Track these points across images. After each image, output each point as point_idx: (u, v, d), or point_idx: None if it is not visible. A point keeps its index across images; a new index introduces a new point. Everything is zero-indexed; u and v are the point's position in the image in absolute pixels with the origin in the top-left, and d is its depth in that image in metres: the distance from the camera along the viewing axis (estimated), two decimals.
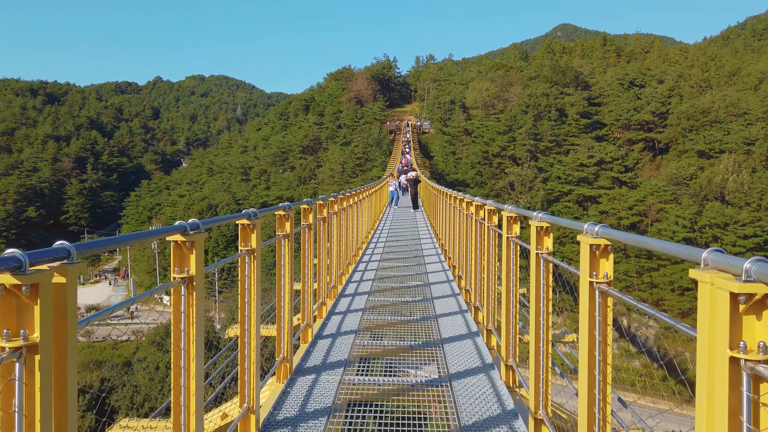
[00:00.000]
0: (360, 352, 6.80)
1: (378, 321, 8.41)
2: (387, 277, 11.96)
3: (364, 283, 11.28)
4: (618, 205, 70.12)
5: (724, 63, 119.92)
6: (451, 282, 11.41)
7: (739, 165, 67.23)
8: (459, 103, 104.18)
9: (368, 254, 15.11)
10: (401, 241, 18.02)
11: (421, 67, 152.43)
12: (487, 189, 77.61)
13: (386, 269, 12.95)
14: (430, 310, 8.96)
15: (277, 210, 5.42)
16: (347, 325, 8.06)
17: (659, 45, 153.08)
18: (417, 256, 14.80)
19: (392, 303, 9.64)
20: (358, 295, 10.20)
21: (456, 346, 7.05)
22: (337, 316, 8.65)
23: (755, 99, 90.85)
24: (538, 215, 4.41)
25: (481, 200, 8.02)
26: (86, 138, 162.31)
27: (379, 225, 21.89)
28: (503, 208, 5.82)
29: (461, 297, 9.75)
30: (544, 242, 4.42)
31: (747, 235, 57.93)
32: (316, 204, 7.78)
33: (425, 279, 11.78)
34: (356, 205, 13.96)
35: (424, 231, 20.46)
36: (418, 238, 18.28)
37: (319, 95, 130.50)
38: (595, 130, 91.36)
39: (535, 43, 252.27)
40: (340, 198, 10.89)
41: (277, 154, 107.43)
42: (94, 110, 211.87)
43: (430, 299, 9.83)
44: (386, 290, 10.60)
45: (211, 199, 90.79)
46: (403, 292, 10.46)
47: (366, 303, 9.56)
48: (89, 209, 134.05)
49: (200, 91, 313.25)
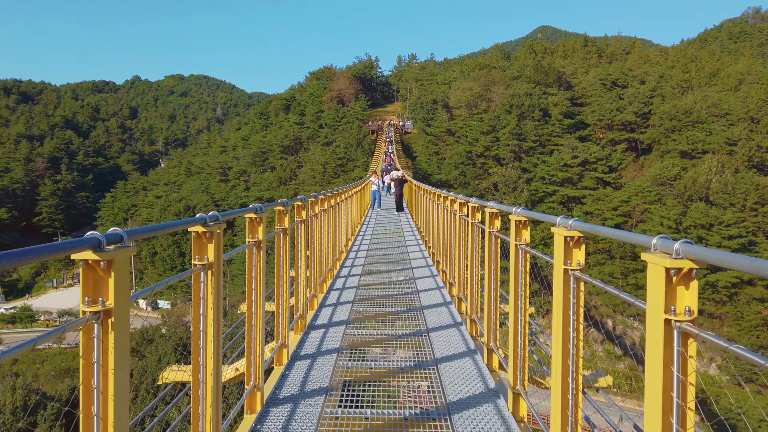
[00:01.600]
0: None
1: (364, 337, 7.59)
2: (369, 297, 10.20)
3: (341, 307, 9.68)
4: (602, 205, 69.47)
5: (703, 64, 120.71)
6: (441, 289, 10.43)
7: (722, 165, 66.98)
8: (442, 102, 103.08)
9: (347, 267, 13.50)
10: (385, 249, 16.45)
11: (403, 67, 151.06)
12: (470, 189, 76.52)
13: (369, 286, 11.09)
14: (421, 321, 8.41)
15: (247, 212, 5.02)
16: None
17: (640, 46, 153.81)
18: (405, 268, 13.34)
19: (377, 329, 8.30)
20: (334, 319, 8.78)
21: (442, 335, 7.56)
22: None
23: (736, 100, 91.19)
24: (517, 210, 4.90)
25: (464, 198, 8.47)
26: (61, 138, 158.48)
27: (360, 230, 20.33)
28: (486, 205, 6.35)
29: (453, 306, 9.31)
30: (522, 234, 4.93)
31: (732, 235, 57.56)
32: (293, 205, 7.39)
33: (414, 286, 10.92)
34: (337, 207, 12.88)
35: (410, 236, 19.06)
36: (404, 244, 16.84)
37: (300, 95, 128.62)
38: (579, 130, 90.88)
39: (515, 44, 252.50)
40: (321, 198, 10.02)
41: (257, 154, 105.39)
42: (69, 109, 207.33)
43: (420, 309, 8.85)
44: (368, 317, 8.96)
45: (189, 200, 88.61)
46: (392, 317, 9.11)
47: (350, 315, 8.34)
48: (63, 210, 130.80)
49: (179, 90, 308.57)
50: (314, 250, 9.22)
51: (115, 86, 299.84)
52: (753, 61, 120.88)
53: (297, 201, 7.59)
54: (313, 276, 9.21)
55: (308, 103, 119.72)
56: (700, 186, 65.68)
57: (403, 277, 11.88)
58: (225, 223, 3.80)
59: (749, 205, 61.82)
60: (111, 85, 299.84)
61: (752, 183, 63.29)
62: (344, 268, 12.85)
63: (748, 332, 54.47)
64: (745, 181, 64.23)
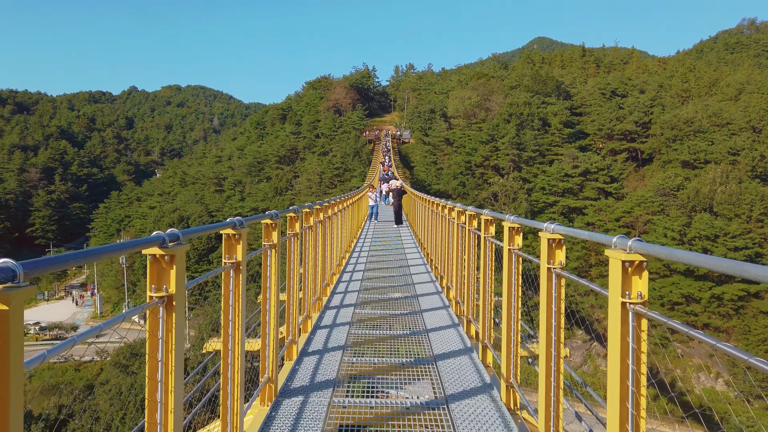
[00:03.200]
0: None
1: None
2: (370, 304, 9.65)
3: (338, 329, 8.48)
4: (604, 216, 68.04)
5: (702, 74, 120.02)
6: (440, 294, 9.03)
7: (726, 175, 65.67)
8: (440, 112, 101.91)
9: (344, 282, 12.21)
10: (386, 269, 14.88)
11: (400, 77, 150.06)
12: (470, 200, 75.07)
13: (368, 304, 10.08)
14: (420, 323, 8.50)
15: (224, 228, 4.35)
16: None
17: (638, 56, 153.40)
18: (405, 277, 12.05)
19: None
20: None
21: (440, 335, 8.03)
22: None
23: (736, 109, 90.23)
24: (510, 217, 5.25)
25: (462, 206, 8.88)
26: (55, 148, 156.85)
27: (357, 244, 18.78)
28: (482, 213, 6.81)
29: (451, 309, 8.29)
30: (514, 240, 5.30)
31: (738, 247, 56.12)
32: (285, 217, 6.59)
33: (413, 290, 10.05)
34: (333, 218, 11.96)
35: (411, 250, 17.55)
36: (405, 259, 15.33)
37: (297, 104, 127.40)
38: (579, 139, 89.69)
39: (512, 55, 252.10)
40: (317, 209, 9.15)
41: (253, 164, 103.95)
42: (65, 120, 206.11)
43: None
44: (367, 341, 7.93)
45: (183, 211, 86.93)
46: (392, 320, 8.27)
47: None
48: (57, 221, 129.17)
49: (176, 101, 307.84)
50: (308, 268, 8.47)
51: (111, 96, 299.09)
52: (752, 70, 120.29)
53: (290, 212, 6.77)
54: (318, 279, 9.15)
55: (305, 113, 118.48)
56: (704, 196, 64.34)
57: (403, 282, 12.12)
58: (189, 243, 3.27)
59: (755, 215, 60.45)
60: (108, 95, 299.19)
61: (757, 193, 61.96)
62: (341, 283, 12.17)
63: (756, 346, 52.90)
64: (750, 191, 62.90)
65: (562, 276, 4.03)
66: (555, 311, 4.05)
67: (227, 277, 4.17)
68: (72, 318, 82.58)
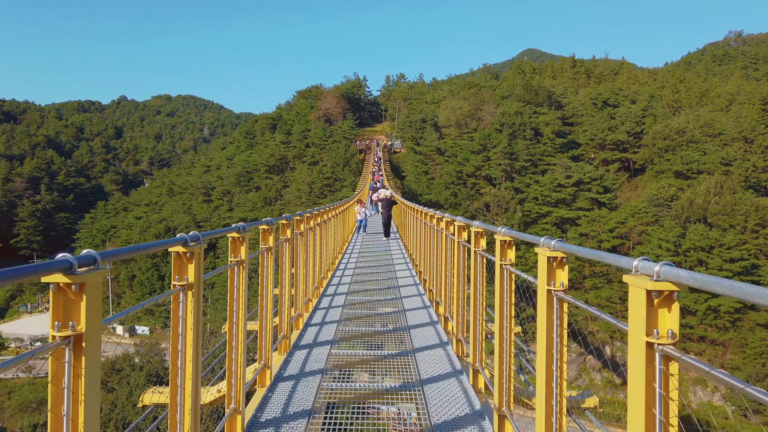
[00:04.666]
0: None
1: None
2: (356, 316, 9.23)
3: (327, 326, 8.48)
4: (598, 227, 67.09)
5: (692, 85, 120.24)
6: (428, 308, 8.26)
7: (720, 186, 65.03)
8: (431, 121, 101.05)
9: (333, 285, 11.90)
10: (373, 282, 13.72)
11: (391, 86, 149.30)
12: (461, 210, 74.03)
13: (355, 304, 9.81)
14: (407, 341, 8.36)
15: (230, 232, 4.89)
16: None
17: (628, 67, 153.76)
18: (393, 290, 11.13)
19: None
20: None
21: (428, 355, 7.53)
22: None
23: (728, 120, 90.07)
24: (502, 230, 4.86)
25: (450, 217, 8.49)
26: (42, 157, 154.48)
27: (342, 259, 17.44)
28: (472, 224, 6.49)
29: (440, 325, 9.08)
30: (507, 254, 4.90)
31: (734, 258, 55.26)
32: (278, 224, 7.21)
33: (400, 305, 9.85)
34: (324, 225, 11.86)
35: (401, 265, 16.33)
36: (396, 283, 14.13)
37: (287, 113, 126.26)
38: (571, 149, 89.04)
39: (502, 66, 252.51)
40: (307, 216, 9.28)
41: (242, 173, 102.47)
42: (53, 129, 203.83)
43: None
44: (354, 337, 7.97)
45: (170, 221, 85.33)
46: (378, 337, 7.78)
47: None
48: (42, 232, 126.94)
49: (166, 110, 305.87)
50: (299, 269, 8.92)
51: (101, 106, 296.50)
52: (741, 81, 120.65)
53: (282, 220, 7.51)
54: (299, 295, 8.95)
55: (295, 122, 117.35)
56: (698, 207, 63.63)
57: (391, 296, 11.61)
58: (206, 243, 3.78)
59: (750, 226, 59.73)
60: (97, 104, 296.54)
61: (752, 204, 61.30)
62: (330, 287, 12.11)
63: (753, 360, 51.92)
64: (745, 201, 62.25)
65: (564, 300, 3.53)
66: (557, 342, 3.52)
67: (232, 273, 4.86)
68: None
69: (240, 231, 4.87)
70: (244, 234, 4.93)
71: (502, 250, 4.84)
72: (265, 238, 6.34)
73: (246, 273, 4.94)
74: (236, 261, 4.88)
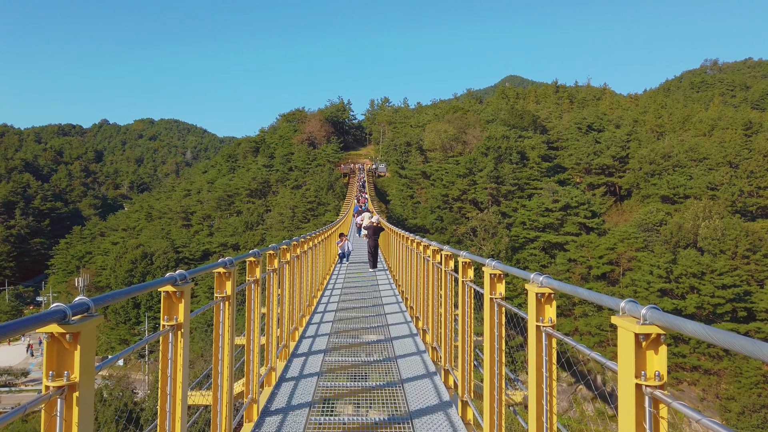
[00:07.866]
0: None
1: None
2: None
3: None
4: (587, 252, 65.76)
5: (673, 110, 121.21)
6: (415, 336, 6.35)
7: (709, 210, 64.25)
8: (416, 145, 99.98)
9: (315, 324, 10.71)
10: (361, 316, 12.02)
11: (376, 110, 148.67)
12: (447, 235, 72.39)
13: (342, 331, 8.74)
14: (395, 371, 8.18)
15: (216, 267, 4.71)
16: None
17: (611, 93, 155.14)
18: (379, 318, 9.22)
19: None
20: None
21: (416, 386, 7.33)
22: None
23: (711, 144, 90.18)
24: (491, 263, 4.71)
25: (438, 245, 8.18)
26: (18, 181, 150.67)
27: (322, 297, 15.25)
28: (459, 254, 6.30)
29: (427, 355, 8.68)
30: (497, 288, 4.73)
31: (726, 284, 54.07)
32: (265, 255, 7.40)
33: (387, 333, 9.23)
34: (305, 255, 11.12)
35: (390, 298, 14.46)
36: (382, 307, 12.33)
37: (270, 137, 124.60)
38: (557, 173, 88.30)
39: (485, 92, 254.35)
40: (283, 249, 8.72)
41: (223, 197, 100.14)
42: (30, 152, 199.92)
43: None
44: None
45: (147, 247, 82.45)
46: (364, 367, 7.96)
47: None
48: (15, 257, 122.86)
49: (149, 134, 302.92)
50: (285, 298, 8.85)
51: (82, 130, 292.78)
52: (722, 107, 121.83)
53: (269, 250, 7.39)
54: (285, 325, 8.74)
55: (278, 146, 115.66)
56: (687, 232, 62.68)
57: (377, 323, 11.39)
58: (193, 281, 3.67)
59: (741, 252, 58.77)
60: (78, 128, 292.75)
61: (741, 229, 60.47)
62: (311, 326, 11.29)
63: (748, 389, 50.40)
64: (734, 226, 61.43)
65: (553, 336, 3.49)
66: (546, 377, 3.51)
67: (218, 309, 4.73)
68: (24, 363, 77.11)
69: (226, 266, 4.71)
70: (231, 269, 4.75)
71: (492, 283, 4.73)
72: (252, 270, 6.22)
73: (233, 310, 4.79)
74: (222, 297, 4.74)
